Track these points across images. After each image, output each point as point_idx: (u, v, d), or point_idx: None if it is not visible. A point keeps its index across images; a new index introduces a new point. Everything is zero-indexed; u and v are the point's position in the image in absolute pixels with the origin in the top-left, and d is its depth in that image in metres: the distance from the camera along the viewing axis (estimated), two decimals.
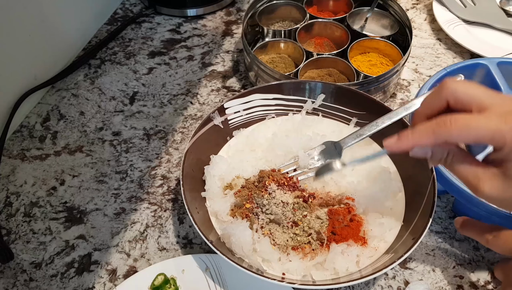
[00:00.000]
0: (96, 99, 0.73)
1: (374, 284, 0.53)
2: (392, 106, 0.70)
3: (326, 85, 0.63)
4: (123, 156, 0.65)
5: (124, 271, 0.54)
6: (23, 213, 0.59)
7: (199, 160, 0.57)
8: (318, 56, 0.71)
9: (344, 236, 0.50)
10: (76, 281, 0.53)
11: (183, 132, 0.68)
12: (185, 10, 0.87)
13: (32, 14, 0.67)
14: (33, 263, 0.54)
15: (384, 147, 0.40)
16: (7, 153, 0.65)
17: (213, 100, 0.73)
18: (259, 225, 0.50)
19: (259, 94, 0.62)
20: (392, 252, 0.49)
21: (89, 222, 0.58)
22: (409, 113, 0.57)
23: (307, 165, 0.56)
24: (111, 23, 0.86)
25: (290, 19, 0.81)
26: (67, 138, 0.67)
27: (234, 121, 0.62)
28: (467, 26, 0.82)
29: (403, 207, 0.54)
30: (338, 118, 0.64)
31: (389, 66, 0.72)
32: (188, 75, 0.77)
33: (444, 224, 0.58)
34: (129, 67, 0.78)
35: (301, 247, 0.50)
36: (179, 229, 0.57)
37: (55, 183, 0.62)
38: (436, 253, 0.55)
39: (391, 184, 0.55)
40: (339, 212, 0.51)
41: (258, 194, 0.52)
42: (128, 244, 0.56)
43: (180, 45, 0.82)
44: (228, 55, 0.80)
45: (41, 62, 0.72)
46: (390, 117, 0.57)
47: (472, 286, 0.52)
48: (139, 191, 0.61)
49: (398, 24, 0.76)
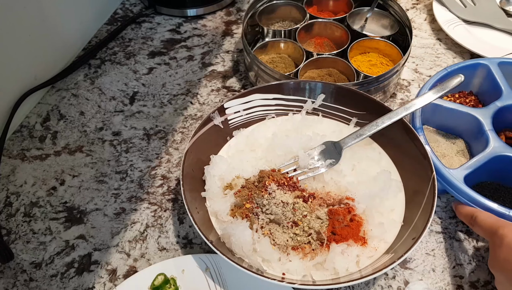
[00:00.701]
0: (96, 99, 0.73)
1: (374, 284, 0.53)
2: (392, 106, 0.70)
3: (326, 85, 0.63)
4: (123, 156, 0.65)
5: (124, 271, 0.54)
6: (23, 213, 0.59)
7: (199, 160, 0.57)
8: (318, 56, 0.71)
9: (344, 236, 0.50)
10: (76, 281, 0.53)
11: (183, 132, 0.68)
12: (185, 10, 0.87)
13: (32, 14, 0.67)
14: (33, 263, 0.54)
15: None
16: (7, 153, 0.65)
17: (213, 100, 0.73)
18: (259, 225, 0.50)
19: (259, 94, 0.62)
20: (392, 252, 0.49)
21: (89, 222, 0.58)
22: (409, 113, 0.57)
23: (307, 165, 0.56)
24: (111, 23, 0.86)
25: (290, 19, 0.81)
26: (67, 138, 0.67)
27: (234, 121, 0.62)
28: (467, 26, 0.82)
29: (403, 207, 0.54)
30: (338, 118, 0.64)
31: (389, 66, 0.72)
32: (188, 75, 0.77)
33: (444, 224, 0.58)
34: (129, 67, 0.78)
35: (301, 247, 0.50)
36: (179, 229, 0.57)
37: (55, 183, 0.62)
38: (436, 253, 0.55)
39: (391, 184, 0.55)
40: (339, 212, 0.51)
41: (258, 194, 0.52)
42: (128, 244, 0.56)
43: (180, 45, 0.82)
44: (228, 55, 0.80)
45: (41, 62, 0.72)
46: (390, 117, 0.57)
47: (472, 286, 0.52)
48: (139, 191, 0.61)
49: (398, 24, 0.76)
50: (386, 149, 0.60)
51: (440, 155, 0.62)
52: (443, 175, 0.54)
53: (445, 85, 0.57)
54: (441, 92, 0.57)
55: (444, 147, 0.63)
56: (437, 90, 0.57)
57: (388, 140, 0.60)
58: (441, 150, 0.63)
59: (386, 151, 0.60)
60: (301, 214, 0.51)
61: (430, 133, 0.65)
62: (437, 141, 0.64)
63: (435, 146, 0.63)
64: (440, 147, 0.63)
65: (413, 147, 0.56)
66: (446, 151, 0.62)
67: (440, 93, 0.57)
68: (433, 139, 0.64)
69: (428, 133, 0.65)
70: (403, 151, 0.58)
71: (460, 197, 0.53)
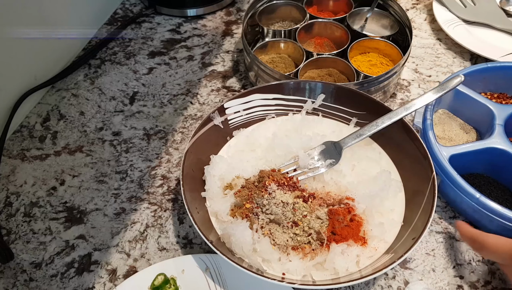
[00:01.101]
0: (96, 99, 0.73)
1: (374, 284, 0.53)
2: (392, 106, 0.70)
3: (326, 85, 0.63)
4: (123, 156, 0.65)
5: (124, 271, 0.54)
6: (23, 213, 0.59)
7: (199, 160, 0.57)
8: (318, 56, 0.71)
9: (344, 236, 0.50)
10: (76, 281, 0.53)
11: (183, 132, 0.68)
12: (185, 10, 0.87)
13: (32, 14, 0.67)
14: (33, 263, 0.54)
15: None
16: (7, 153, 0.65)
17: (213, 100, 0.73)
18: (259, 225, 0.50)
19: (259, 94, 0.62)
20: (392, 252, 0.49)
21: (89, 222, 0.58)
22: (409, 113, 0.57)
23: (307, 165, 0.56)
24: (111, 23, 0.86)
25: (290, 19, 0.81)
26: (67, 138, 0.67)
27: (234, 121, 0.62)
28: (467, 26, 0.82)
29: (403, 207, 0.54)
30: (338, 118, 0.64)
31: (389, 66, 0.72)
32: (188, 75, 0.77)
33: (444, 224, 0.58)
34: (129, 67, 0.78)
35: (301, 247, 0.50)
36: (179, 229, 0.57)
37: (55, 183, 0.62)
38: (436, 253, 0.55)
39: (391, 184, 0.55)
40: (339, 212, 0.51)
41: (258, 194, 0.52)
42: (128, 244, 0.56)
43: (180, 45, 0.82)
44: (228, 55, 0.80)
45: (41, 62, 0.72)
46: (390, 117, 0.57)
47: (472, 286, 0.52)
48: (139, 191, 0.61)
49: (398, 24, 0.76)
50: (386, 149, 0.60)
51: (446, 138, 0.63)
52: (432, 150, 0.56)
53: (445, 85, 0.57)
54: (441, 92, 0.57)
55: (455, 132, 0.64)
56: (437, 90, 0.57)
57: (388, 141, 0.60)
58: (450, 134, 0.63)
59: (386, 151, 0.60)
60: (301, 214, 0.51)
61: (446, 117, 0.65)
62: (450, 125, 0.64)
63: (446, 129, 0.64)
64: (451, 132, 0.64)
65: (413, 147, 0.56)
66: (455, 137, 0.63)
67: (440, 93, 0.57)
68: (447, 122, 0.65)
69: (445, 117, 0.65)
70: (403, 151, 0.58)
71: (440, 174, 0.55)
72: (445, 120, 0.65)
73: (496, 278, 0.53)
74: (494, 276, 0.53)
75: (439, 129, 0.64)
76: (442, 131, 0.63)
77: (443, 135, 0.63)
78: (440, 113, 0.65)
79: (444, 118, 0.65)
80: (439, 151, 0.56)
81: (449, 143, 0.62)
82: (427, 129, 0.58)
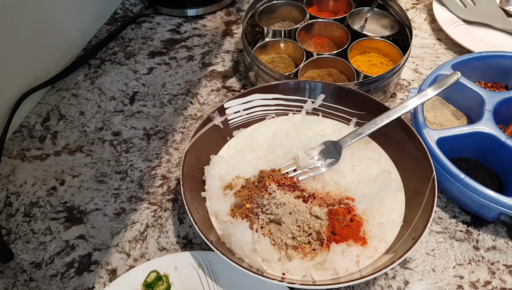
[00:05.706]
0: (96, 99, 0.73)
1: (374, 284, 0.53)
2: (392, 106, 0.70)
3: (326, 85, 0.63)
4: (123, 156, 0.65)
5: (124, 271, 0.54)
6: (23, 213, 0.59)
7: (199, 160, 0.57)
8: (318, 56, 0.71)
9: (344, 236, 0.50)
10: (76, 281, 0.53)
11: (183, 132, 0.68)
12: (185, 10, 0.87)
13: (32, 14, 0.67)
14: (33, 263, 0.54)
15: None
16: (7, 153, 0.65)
17: (213, 100, 0.73)
18: (259, 225, 0.50)
19: (259, 94, 0.62)
20: (392, 252, 0.49)
21: (89, 222, 0.58)
22: (407, 111, 0.57)
23: (307, 165, 0.56)
24: (111, 23, 0.86)
25: (290, 19, 0.81)
26: (67, 138, 0.67)
27: (234, 121, 0.62)
28: (467, 26, 0.82)
29: (403, 207, 0.54)
30: (338, 118, 0.64)
31: (389, 66, 0.72)
32: (188, 75, 0.77)
33: (444, 224, 0.58)
34: (129, 67, 0.78)
35: (301, 247, 0.50)
36: (179, 229, 0.57)
37: (55, 183, 0.62)
38: (436, 253, 0.55)
39: (391, 184, 0.55)
40: (339, 212, 0.51)
41: (258, 194, 0.52)
42: (128, 244, 0.56)
43: (180, 45, 0.82)
44: (228, 55, 0.80)
45: (41, 62, 0.72)
46: (389, 115, 0.57)
47: (472, 286, 0.52)
48: (139, 191, 0.61)
49: (398, 24, 0.76)
50: (386, 148, 0.60)
51: (437, 123, 0.64)
52: (421, 132, 0.57)
53: (443, 82, 0.58)
54: (439, 90, 0.57)
55: (446, 118, 0.64)
56: (435, 88, 0.57)
57: (388, 140, 0.60)
58: (441, 120, 0.64)
59: (386, 151, 0.60)
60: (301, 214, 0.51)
61: (439, 103, 0.66)
62: (442, 112, 0.65)
63: (438, 114, 0.64)
64: (442, 117, 0.64)
65: (413, 147, 0.56)
66: (446, 122, 0.64)
67: (437, 90, 0.57)
68: (439, 108, 0.65)
69: (437, 104, 0.66)
70: (403, 151, 0.58)
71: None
72: (437, 107, 0.65)
73: (496, 278, 0.53)
74: (494, 276, 0.53)
75: (431, 115, 0.64)
76: (434, 117, 0.64)
77: (434, 121, 0.64)
78: (433, 99, 0.66)
79: (436, 105, 0.65)
80: (427, 133, 0.57)
81: (440, 128, 0.63)
82: (417, 112, 0.60)
